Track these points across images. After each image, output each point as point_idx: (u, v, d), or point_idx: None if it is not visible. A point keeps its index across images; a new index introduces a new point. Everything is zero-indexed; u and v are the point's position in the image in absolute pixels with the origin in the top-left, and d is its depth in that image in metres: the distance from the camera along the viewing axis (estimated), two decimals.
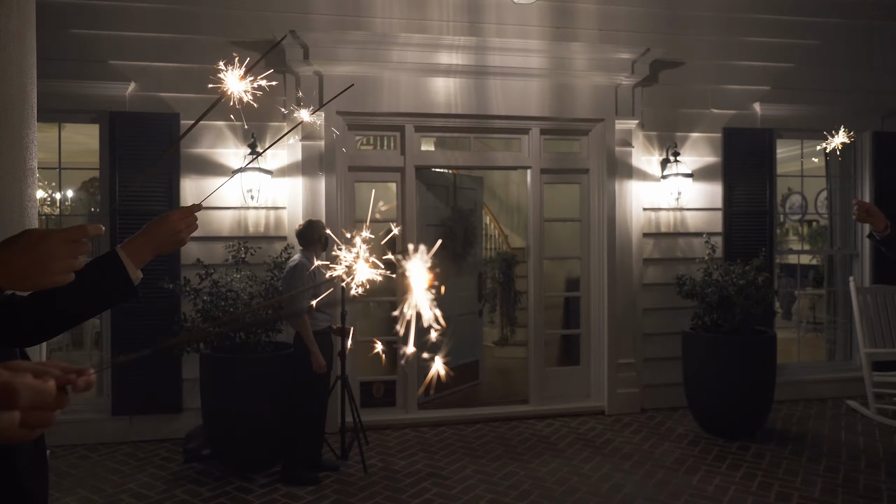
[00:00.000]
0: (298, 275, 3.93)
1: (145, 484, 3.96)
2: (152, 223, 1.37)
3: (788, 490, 3.82)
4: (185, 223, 1.37)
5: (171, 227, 1.35)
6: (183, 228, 1.37)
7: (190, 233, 1.40)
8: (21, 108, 2.06)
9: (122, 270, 1.30)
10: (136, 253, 1.33)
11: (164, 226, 1.35)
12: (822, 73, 5.87)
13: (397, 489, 3.87)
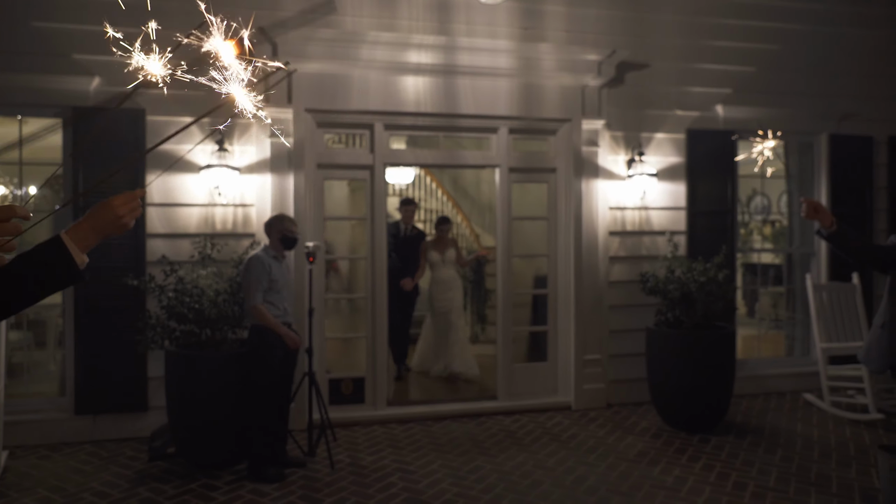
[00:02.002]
0: (252, 267, 3.96)
1: (108, 482, 3.92)
2: (95, 208, 1.38)
3: (744, 480, 3.94)
4: (128, 208, 1.39)
5: (114, 212, 1.37)
6: (126, 213, 1.38)
7: (133, 217, 1.41)
8: None
9: (67, 255, 1.31)
10: (80, 238, 1.34)
11: (107, 211, 1.37)
12: (782, 78, 6.04)
13: (363, 484, 3.89)
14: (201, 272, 4.21)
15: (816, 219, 3.01)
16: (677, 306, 4.99)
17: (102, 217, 1.37)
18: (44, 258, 1.31)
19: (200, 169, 4.79)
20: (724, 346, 4.90)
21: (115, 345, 4.66)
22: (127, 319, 4.57)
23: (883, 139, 6.27)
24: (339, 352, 6.37)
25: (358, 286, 5.84)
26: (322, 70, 4.99)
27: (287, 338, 4.00)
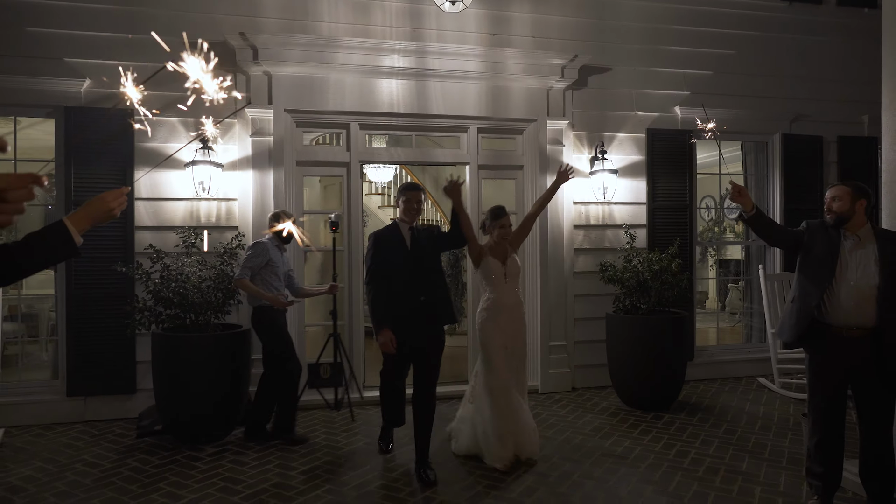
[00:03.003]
0: (253, 249, 4.44)
1: (99, 455, 4.21)
2: (90, 201, 1.77)
3: (687, 449, 4.29)
4: (117, 202, 1.78)
5: (106, 204, 1.76)
6: (115, 206, 1.78)
7: (120, 209, 1.81)
8: None
9: (68, 234, 1.66)
10: (77, 223, 1.71)
11: (100, 203, 1.75)
12: (737, 81, 6.43)
13: (337, 455, 4.21)
14: (186, 260, 4.51)
15: (740, 202, 3.38)
16: (633, 293, 5.34)
17: (96, 207, 1.74)
18: (50, 236, 1.66)
19: (186, 165, 5.09)
20: (676, 330, 5.25)
21: (104, 331, 4.95)
22: (116, 307, 4.87)
23: (832, 139, 6.66)
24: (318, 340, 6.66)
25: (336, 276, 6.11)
26: (300, 73, 5.32)
27: (271, 300, 4.37)
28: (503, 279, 4.13)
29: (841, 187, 3.25)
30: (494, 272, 4.13)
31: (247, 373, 4.72)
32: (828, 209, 3.25)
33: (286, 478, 3.81)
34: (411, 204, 3.98)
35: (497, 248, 4.19)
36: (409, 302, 3.82)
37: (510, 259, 4.19)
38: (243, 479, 3.78)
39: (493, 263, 4.14)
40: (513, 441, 3.98)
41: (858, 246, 3.22)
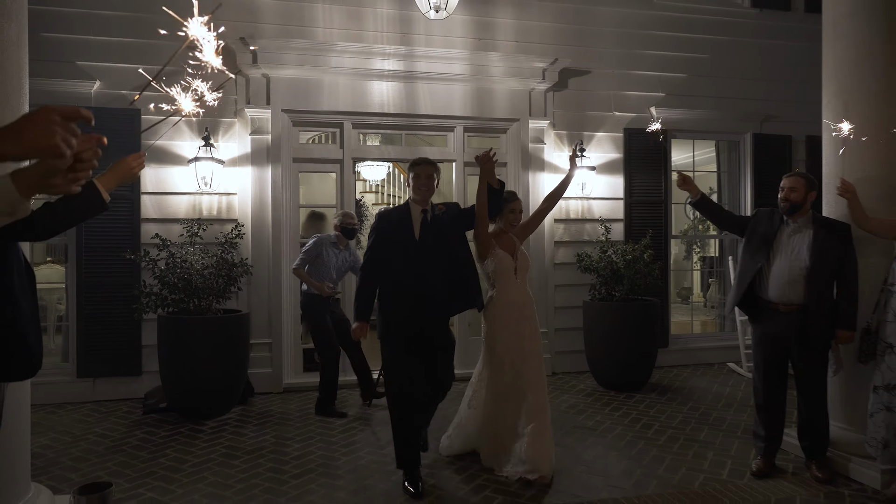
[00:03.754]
0: (310, 243, 4.97)
1: (109, 428, 4.56)
2: (115, 164, 2.14)
3: (653, 422, 4.65)
4: (137, 163, 2.21)
5: (128, 164, 2.18)
6: (135, 166, 2.20)
7: (140, 169, 2.22)
8: (18, 100, 2.70)
9: (98, 192, 2.03)
10: (105, 183, 2.10)
11: (123, 164, 2.18)
12: (710, 83, 6.80)
13: (328, 427, 4.56)
14: (189, 249, 4.86)
15: (686, 189, 3.77)
16: (608, 282, 5.70)
17: (120, 168, 2.13)
18: (84, 195, 2.02)
19: (189, 161, 5.44)
20: (647, 316, 5.61)
21: (112, 317, 5.30)
22: (123, 295, 5.22)
23: (801, 138, 7.03)
24: None
25: None
26: (297, 75, 5.67)
27: (316, 287, 4.83)
28: (513, 274, 3.72)
29: (797, 178, 3.61)
30: (504, 266, 3.70)
31: (246, 354, 5.07)
32: (785, 198, 3.60)
33: (282, 447, 4.16)
34: (421, 180, 3.53)
35: (505, 240, 3.80)
36: (413, 293, 3.44)
37: (520, 252, 3.80)
38: (242, 447, 4.13)
39: (503, 257, 3.71)
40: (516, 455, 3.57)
41: (797, 231, 3.59)
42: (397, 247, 3.50)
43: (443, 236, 3.54)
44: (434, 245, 3.50)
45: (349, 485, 3.52)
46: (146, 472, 3.68)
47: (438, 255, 3.50)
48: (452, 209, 3.71)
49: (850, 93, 3.68)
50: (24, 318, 2.05)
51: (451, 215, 3.64)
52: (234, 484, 3.52)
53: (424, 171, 3.57)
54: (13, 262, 2.09)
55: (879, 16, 3.60)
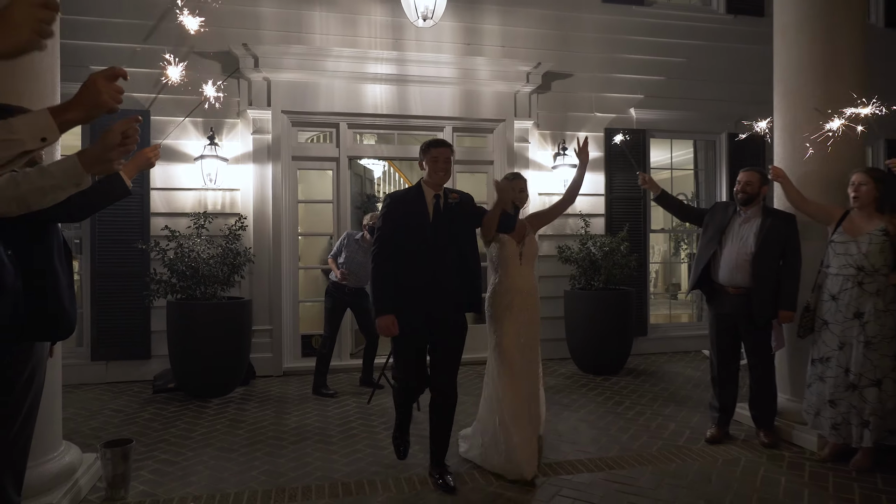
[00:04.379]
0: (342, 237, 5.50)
1: (122, 405, 4.95)
2: (135, 155, 2.54)
3: (624, 400, 5.03)
4: (154, 153, 2.64)
5: (146, 155, 2.63)
6: (152, 156, 2.64)
7: (156, 159, 2.66)
8: (52, 102, 3.10)
9: (121, 179, 2.46)
10: (127, 172, 2.55)
11: (142, 155, 2.61)
12: (687, 85, 7.18)
13: (324, 404, 4.95)
14: (196, 240, 5.25)
15: (647, 187, 4.17)
16: (587, 272, 6.08)
17: (139, 158, 2.57)
18: (111, 181, 2.43)
19: (195, 159, 5.83)
20: (623, 303, 6.00)
21: (124, 304, 5.68)
22: (134, 284, 5.61)
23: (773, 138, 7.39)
24: (311, 314, 7.40)
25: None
26: (296, 79, 6.06)
27: (333, 269, 5.35)
28: (518, 261, 3.58)
29: (753, 173, 4.01)
30: (509, 252, 3.57)
31: (248, 338, 5.45)
32: (742, 190, 4.00)
33: (281, 420, 4.55)
34: (439, 163, 3.29)
35: None
36: (424, 281, 3.25)
37: (528, 238, 3.66)
38: (245, 420, 4.52)
39: (508, 242, 3.58)
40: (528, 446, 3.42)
41: (748, 220, 3.98)
42: (411, 230, 3.28)
43: (454, 226, 3.35)
44: (446, 233, 3.31)
45: (341, 450, 3.90)
46: (159, 440, 4.07)
47: (449, 244, 3.32)
48: (466, 202, 3.46)
49: (795, 95, 4.08)
50: (62, 288, 2.45)
51: (465, 210, 3.42)
52: (238, 448, 3.91)
53: (443, 154, 3.33)
54: (54, 241, 2.49)
55: (820, 27, 3.99)
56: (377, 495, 3.20)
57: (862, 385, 3.46)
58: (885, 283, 3.44)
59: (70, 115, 1.54)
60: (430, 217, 3.32)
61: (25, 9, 1.27)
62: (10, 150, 1.47)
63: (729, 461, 3.67)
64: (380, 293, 3.27)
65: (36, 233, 2.37)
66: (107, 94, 1.53)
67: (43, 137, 1.51)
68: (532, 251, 3.70)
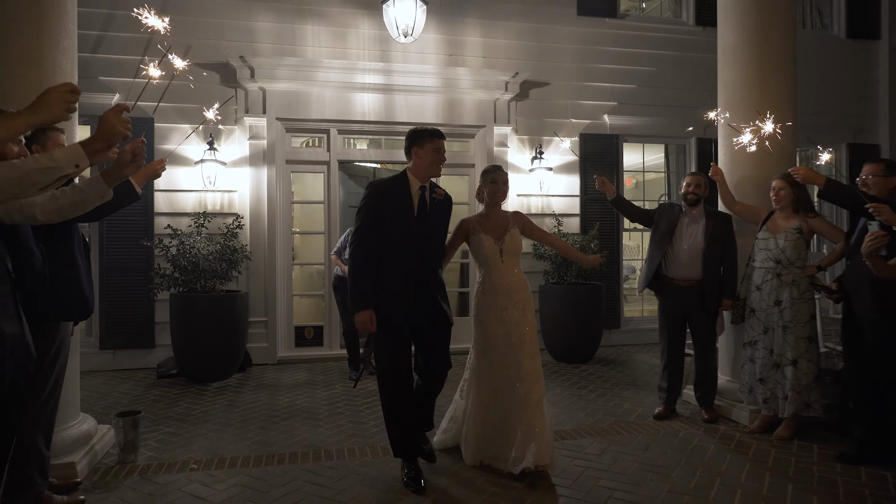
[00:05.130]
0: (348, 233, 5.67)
1: (129, 388, 5.42)
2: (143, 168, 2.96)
3: (589, 384, 5.50)
4: (160, 165, 3.12)
5: (153, 167, 3.11)
6: (159, 168, 3.12)
7: (162, 170, 3.15)
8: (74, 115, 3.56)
9: (132, 186, 2.92)
10: (136, 180, 3.01)
11: (150, 166, 3.08)
12: (658, 93, 7.64)
13: (314, 387, 5.42)
14: (197, 238, 5.72)
15: (604, 189, 4.62)
16: (560, 268, 6.55)
17: (148, 169, 3.01)
18: (123, 187, 2.91)
19: (196, 163, 6.29)
20: (593, 297, 6.46)
21: (130, 297, 6.15)
22: (139, 278, 6.07)
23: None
24: (303, 307, 7.87)
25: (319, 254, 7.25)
26: (289, 88, 6.53)
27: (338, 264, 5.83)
28: (499, 258, 3.53)
29: (700, 177, 4.48)
30: (488, 251, 3.53)
31: (245, 328, 5.91)
32: (693, 192, 4.46)
33: (274, 401, 5.02)
34: (440, 155, 3.30)
35: (493, 220, 3.62)
36: (406, 276, 3.18)
37: (509, 234, 3.56)
38: (241, 401, 4.99)
39: (485, 240, 3.54)
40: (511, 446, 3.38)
41: (694, 221, 4.44)
42: (394, 222, 3.18)
43: (436, 223, 3.35)
44: (429, 228, 3.28)
45: (326, 424, 4.37)
46: (163, 416, 4.54)
47: (432, 240, 3.31)
48: (446, 205, 3.44)
49: (734, 106, 4.54)
50: (82, 277, 2.92)
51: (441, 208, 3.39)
52: (234, 424, 4.37)
53: (443, 147, 3.34)
54: (75, 236, 2.96)
55: (754, 47, 4.45)
56: (355, 459, 3.67)
57: (783, 364, 3.93)
58: (799, 275, 3.91)
59: (95, 146, 2.02)
60: (416, 210, 3.23)
61: (58, 94, 1.86)
62: (53, 175, 1.94)
63: (669, 433, 4.14)
64: (357, 288, 3.14)
65: (60, 230, 2.85)
66: (119, 126, 2.05)
67: (77, 164, 1.98)
68: (514, 247, 3.58)
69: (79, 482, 3.23)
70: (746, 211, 4.32)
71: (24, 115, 1.82)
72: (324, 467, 3.53)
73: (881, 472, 3.40)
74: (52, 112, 1.83)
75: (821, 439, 3.94)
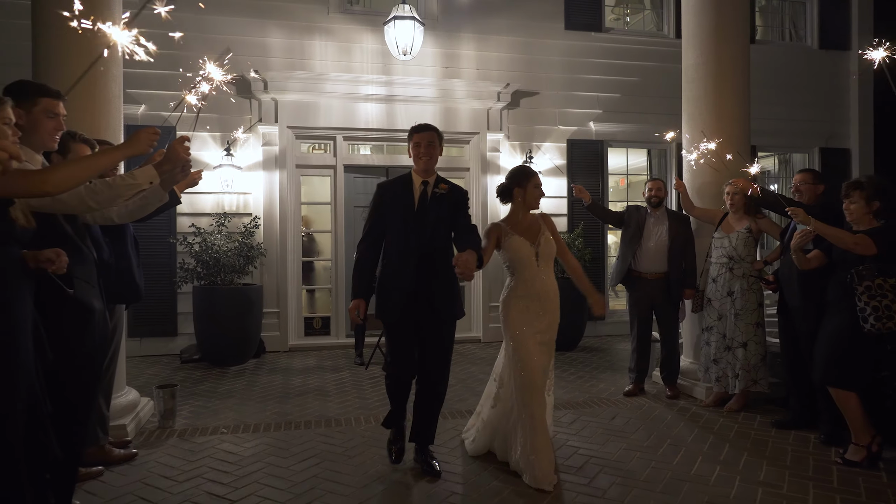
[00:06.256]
0: None
1: (157, 371, 6.04)
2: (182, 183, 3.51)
3: (571, 368, 6.10)
4: (199, 176, 3.61)
5: (193, 177, 3.56)
6: (198, 178, 3.61)
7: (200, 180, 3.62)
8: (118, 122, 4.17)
9: (175, 193, 3.49)
10: (179, 188, 3.54)
11: (190, 177, 3.55)
12: (640, 101, 8.21)
13: (323, 371, 6.03)
14: (217, 236, 6.33)
15: (581, 196, 5.21)
16: None
17: (189, 179, 3.55)
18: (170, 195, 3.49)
19: (214, 167, 6.90)
20: (576, 290, 7.02)
21: (155, 289, 6.74)
22: (163, 272, 6.68)
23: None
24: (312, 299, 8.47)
25: (326, 251, 7.84)
26: (299, 99, 7.13)
27: None
28: (534, 262, 3.38)
29: (660, 182, 5.09)
30: (524, 254, 3.38)
31: (259, 318, 6.52)
32: (656, 195, 5.06)
33: (288, 382, 5.63)
34: (421, 148, 3.31)
35: (526, 222, 3.47)
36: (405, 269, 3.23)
37: (543, 238, 3.43)
38: (258, 382, 5.60)
39: (520, 244, 3.38)
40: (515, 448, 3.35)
41: (659, 221, 5.04)
42: (395, 217, 3.28)
43: (439, 217, 3.27)
44: (429, 222, 3.25)
45: (335, 399, 4.97)
46: (191, 393, 5.15)
47: (432, 234, 3.25)
48: (457, 197, 3.37)
49: (696, 120, 5.13)
50: (134, 268, 3.53)
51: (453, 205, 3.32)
52: (254, 399, 4.98)
53: (425, 139, 3.32)
54: (128, 234, 3.57)
55: (713, 67, 5.04)
56: (360, 426, 4.27)
57: (734, 346, 4.52)
58: (749, 269, 4.50)
59: (164, 167, 2.62)
60: (416, 205, 3.26)
61: (146, 135, 2.46)
62: (133, 190, 2.54)
63: (635, 407, 4.74)
64: (355, 279, 3.37)
65: (117, 230, 3.45)
66: (183, 153, 2.63)
67: (151, 181, 2.58)
68: (549, 251, 3.44)
69: (129, 440, 3.85)
70: (704, 214, 4.92)
71: (122, 148, 2.42)
72: (334, 431, 4.14)
73: (806, 434, 4.00)
74: (140, 148, 2.42)
75: (765, 412, 4.54)
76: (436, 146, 3.36)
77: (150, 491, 3.17)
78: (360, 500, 3.08)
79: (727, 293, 4.56)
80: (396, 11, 6.82)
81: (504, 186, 3.55)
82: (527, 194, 3.49)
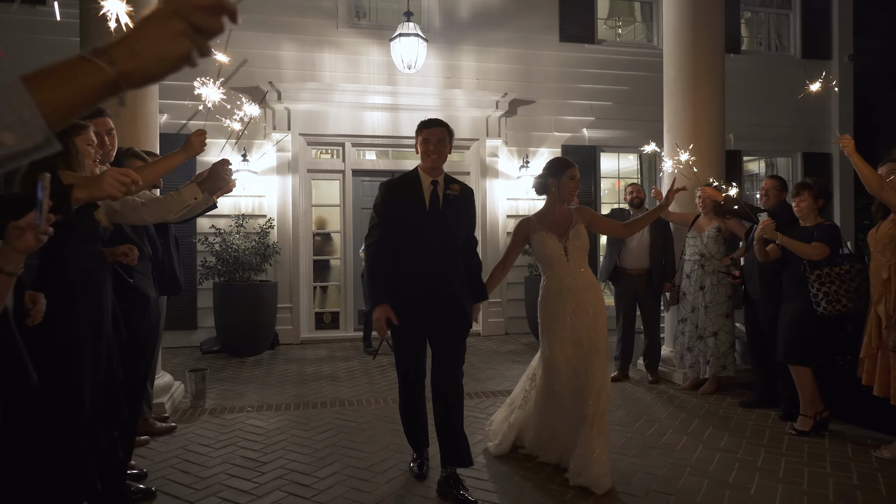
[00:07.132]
0: None
1: (180, 361, 6.54)
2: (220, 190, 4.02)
3: None
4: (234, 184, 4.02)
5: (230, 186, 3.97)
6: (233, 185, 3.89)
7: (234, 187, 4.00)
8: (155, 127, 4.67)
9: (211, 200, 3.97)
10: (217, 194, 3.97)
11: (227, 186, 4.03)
12: (631, 109, 8.70)
13: (335, 360, 6.53)
14: (235, 236, 6.84)
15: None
16: None
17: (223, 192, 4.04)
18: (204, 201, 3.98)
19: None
20: None
21: None
22: (184, 269, 7.15)
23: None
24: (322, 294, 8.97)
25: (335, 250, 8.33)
26: (310, 108, 7.63)
27: None
28: (563, 257, 3.28)
29: (637, 185, 5.59)
30: (551, 250, 3.30)
31: (274, 312, 7.03)
32: (637, 197, 5.57)
33: (302, 370, 6.13)
34: (429, 146, 3.11)
35: (557, 216, 3.35)
36: (420, 276, 3.03)
37: (574, 231, 3.29)
38: (275, 370, 6.11)
39: (548, 239, 3.30)
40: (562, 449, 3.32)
41: None
42: (405, 220, 3.07)
43: (454, 219, 3.13)
44: (444, 225, 3.08)
45: (347, 384, 5.48)
46: (215, 380, 5.65)
47: (447, 238, 3.09)
48: (467, 195, 3.25)
49: (675, 130, 5.62)
50: (175, 264, 4.03)
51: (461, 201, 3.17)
52: (273, 384, 5.49)
53: (435, 135, 3.12)
54: (170, 234, 4.07)
55: (690, 80, 5.53)
56: (371, 406, 4.77)
57: (705, 336, 5.01)
58: (718, 265, 5.00)
59: (206, 185, 3.11)
60: (427, 206, 3.07)
61: (199, 139, 2.88)
62: (182, 205, 3.03)
63: (618, 390, 5.22)
64: (375, 281, 3.08)
65: (161, 229, 3.96)
66: (224, 174, 3.09)
67: (195, 197, 3.08)
68: (581, 245, 3.29)
69: (167, 416, 4.35)
70: (679, 218, 5.42)
71: (180, 153, 2.91)
72: (347, 410, 4.64)
73: (767, 411, 4.49)
74: (195, 151, 2.91)
75: (736, 394, 5.02)
76: (446, 144, 3.15)
77: (193, 454, 3.68)
78: (374, 462, 3.57)
79: (699, 287, 5.05)
80: (402, 29, 7.33)
81: (540, 178, 3.45)
82: (561, 186, 3.33)
